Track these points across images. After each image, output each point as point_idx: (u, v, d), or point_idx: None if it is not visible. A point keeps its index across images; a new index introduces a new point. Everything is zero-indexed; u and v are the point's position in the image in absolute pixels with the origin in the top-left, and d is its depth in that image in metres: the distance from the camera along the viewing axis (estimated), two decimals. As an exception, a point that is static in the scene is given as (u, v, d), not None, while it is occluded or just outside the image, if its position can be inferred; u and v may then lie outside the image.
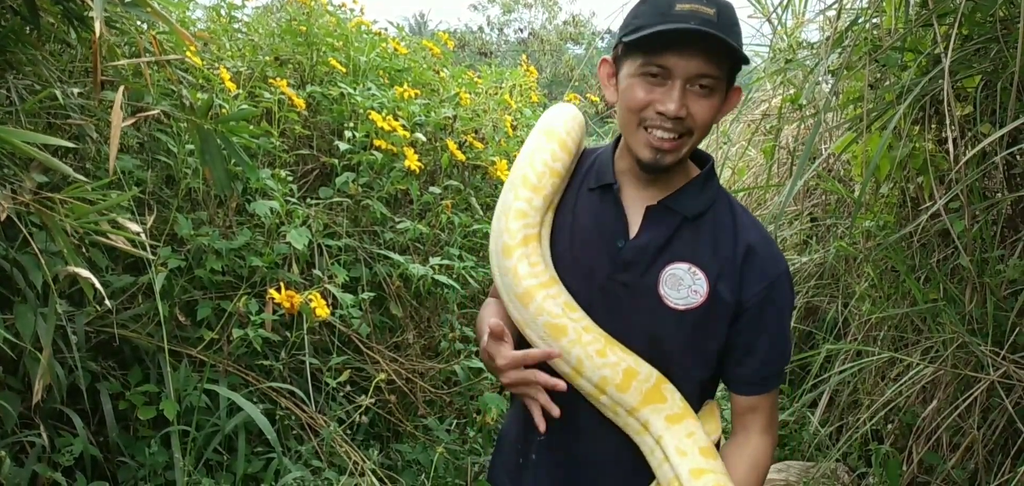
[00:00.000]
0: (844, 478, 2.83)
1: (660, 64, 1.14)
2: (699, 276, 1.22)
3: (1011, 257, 2.24)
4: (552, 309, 1.22)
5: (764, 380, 1.29)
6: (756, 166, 4.24)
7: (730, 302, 1.23)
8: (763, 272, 1.23)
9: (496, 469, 1.49)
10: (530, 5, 18.70)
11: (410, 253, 2.89)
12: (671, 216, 1.24)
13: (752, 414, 1.30)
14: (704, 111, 1.16)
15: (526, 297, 1.24)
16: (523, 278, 1.24)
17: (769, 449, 1.30)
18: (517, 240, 1.26)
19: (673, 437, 1.18)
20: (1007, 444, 2.29)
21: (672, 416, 1.20)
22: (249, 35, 3.15)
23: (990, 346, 2.18)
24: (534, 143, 1.35)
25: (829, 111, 2.77)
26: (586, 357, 1.20)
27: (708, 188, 1.27)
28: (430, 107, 3.16)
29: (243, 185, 2.46)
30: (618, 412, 1.23)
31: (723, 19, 1.12)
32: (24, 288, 1.76)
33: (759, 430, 1.29)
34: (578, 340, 1.20)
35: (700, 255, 1.23)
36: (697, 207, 1.24)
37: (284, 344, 2.42)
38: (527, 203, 1.29)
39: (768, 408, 1.30)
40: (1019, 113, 1.94)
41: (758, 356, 1.27)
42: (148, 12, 1.85)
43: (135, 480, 2.03)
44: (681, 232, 1.24)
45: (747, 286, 1.23)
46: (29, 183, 1.67)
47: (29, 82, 2.00)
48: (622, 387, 1.19)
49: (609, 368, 1.19)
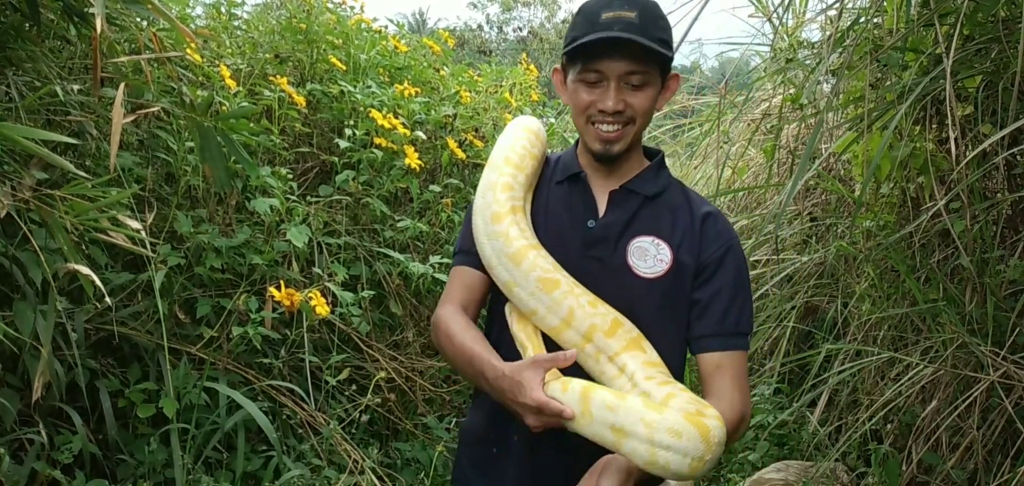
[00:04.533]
0: (843, 478, 2.83)
1: (595, 69, 1.30)
2: (663, 246, 1.35)
3: (1011, 257, 2.24)
4: (544, 265, 1.31)
5: (726, 336, 1.33)
6: (756, 165, 4.24)
7: (691, 264, 1.34)
8: (719, 235, 1.36)
9: (461, 465, 1.50)
10: (529, 4, 18.70)
11: (410, 251, 2.89)
12: (632, 197, 1.38)
13: (718, 374, 1.31)
14: (640, 101, 1.31)
15: (518, 256, 1.31)
16: (514, 239, 1.33)
17: (738, 407, 1.28)
18: (506, 209, 1.36)
19: (644, 371, 1.25)
20: (1007, 444, 2.29)
21: (649, 362, 1.27)
22: (249, 32, 3.14)
23: (990, 346, 2.18)
24: (511, 134, 1.49)
25: (830, 111, 2.77)
26: (578, 307, 1.28)
27: (661, 175, 1.42)
28: (430, 105, 3.16)
29: (243, 183, 2.46)
30: (599, 359, 1.29)
31: (644, 19, 1.27)
32: (24, 285, 1.76)
33: (728, 388, 1.30)
34: (570, 291, 1.29)
35: (661, 228, 1.36)
36: (654, 188, 1.39)
37: (284, 342, 2.42)
38: (512, 177, 1.40)
39: (734, 369, 1.31)
40: (1020, 114, 1.94)
41: (718, 308, 1.33)
42: (148, 8, 1.85)
43: (134, 478, 2.02)
44: (642, 210, 1.37)
45: (706, 247, 1.35)
46: (29, 180, 1.67)
47: (29, 78, 1.99)
48: (609, 333, 1.28)
49: (599, 317, 1.28)
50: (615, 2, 1.28)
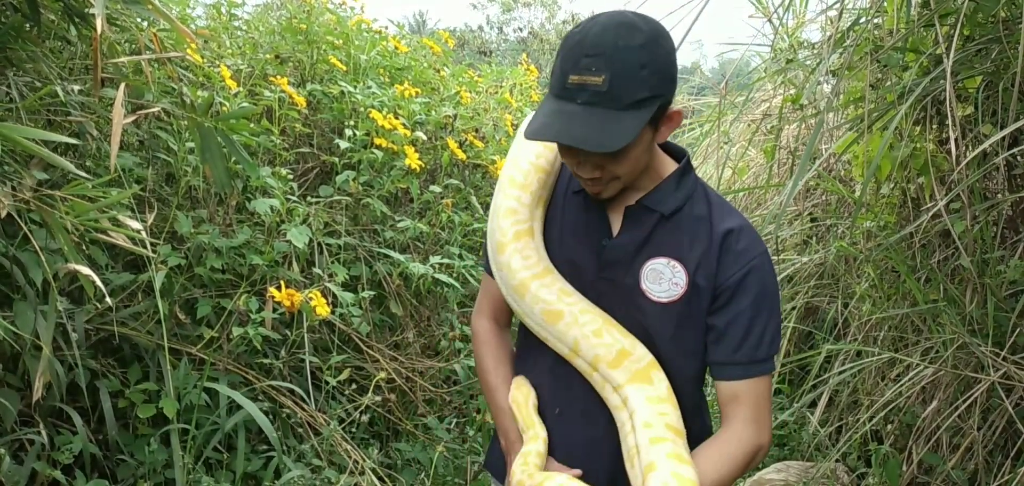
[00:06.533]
0: (844, 478, 2.83)
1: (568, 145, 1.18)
2: (678, 269, 1.27)
3: (1012, 258, 2.24)
4: (547, 297, 1.29)
5: (742, 365, 1.25)
6: (757, 166, 4.24)
7: (708, 288, 1.26)
8: (740, 256, 1.25)
9: (494, 456, 1.51)
10: (529, 4, 18.68)
11: (410, 252, 2.89)
12: (649, 215, 1.29)
13: (734, 403, 1.26)
14: (619, 166, 1.20)
15: (521, 288, 1.30)
16: (517, 271, 1.31)
17: (749, 441, 1.23)
18: (509, 237, 1.33)
19: (645, 413, 1.21)
20: (1007, 445, 2.29)
21: (652, 397, 1.23)
22: (249, 33, 3.15)
23: (990, 347, 2.18)
24: (516, 147, 1.42)
25: (830, 111, 2.77)
26: (582, 337, 1.26)
27: (684, 184, 1.30)
28: (430, 106, 3.16)
29: (243, 183, 2.46)
30: (605, 388, 1.28)
31: (615, 84, 1.10)
32: (24, 285, 1.76)
33: (742, 420, 1.25)
34: (575, 322, 1.26)
35: (678, 249, 1.27)
36: (673, 204, 1.28)
37: (284, 342, 2.42)
38: (516, 200, 1.36)
39: (751, 399, 1.25)
40: (1020, 114, 1.94)
41: (735, 335, 1.26)
42: (149, 9, 1.85)
43: (134, 478, 2.02)
44: (659, 229, 1.29)
45: (724, 269, 1.25)
46: (29, 180, 1.67)
47: (29, 79, 1.99)
48: (613, 364, 1.25)
49: (603, 347, 1.25)
50: (584, 60, 1.11)
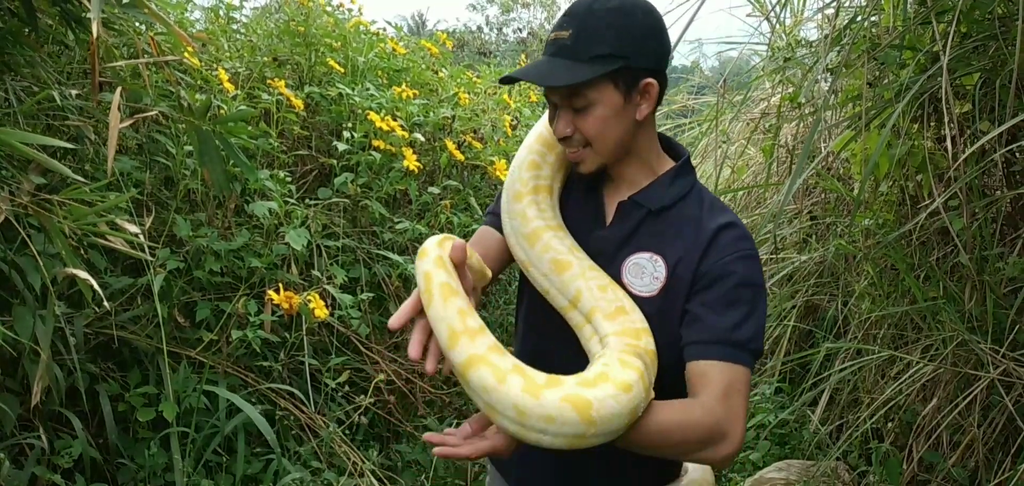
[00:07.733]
0: (844, 476, 2.83)
1: (547, 96, 1.27)
2: (660, 263, 1.28)
3: (1010, 255, 2.24)
4: (558, 247, 1.28)
5: (715, 345, 1.19)
6: (755, 165, 4.24)
7: (687, 277, 1.25)
8: (725, 248, 1.25)
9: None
10: (528, 5, 18.70)
11: (409, 253, 2.89)
12: (637, 210, 1.31)
13: (701, 380, 1.17)
14: (588, 126, 1.24)
15: (534, 236, 1.30)
16: (532, 219, 1.31)
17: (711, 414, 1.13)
18: (528, 188, 1.34)
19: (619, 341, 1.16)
20: (1007, 442, 2.29)
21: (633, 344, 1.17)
22: (247, 36, 3.15)
23: (990, 344, 2.18)
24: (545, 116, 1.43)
25: (828, 109, 2.77)
26: (586, 289, 1.24)
27: (678, 183, 1.32)
28: (429, 107, 3.16)
29: (242, 186, 2.46)
30: (592, 339, 1.24)
31: (578, 39, 1.20)
32: (23, 290, 1.76)
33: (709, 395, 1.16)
34: (582, 275, 1.25)
35: (662, 244, 1.29)
36: (663, 201, 1.31)
37: (283, 345, 2.42)
38: (539, 155, 1.37)
39: (723, 381, 1.16)
40: (1018, 110, 1.94)
41: (708, 319, 1.21)
42: (146, 13, 1.85)
43: (134, 482, 2.03)
44: (645, 224, 1.31)
45: (707, 259, 1.24)
46: (27, 185, 1.67)
47: (27, 83, 2.00)
48: (609, 317, 1.22)
49: (605, 301, 1.23)
50: (562, 18, 1.23)
